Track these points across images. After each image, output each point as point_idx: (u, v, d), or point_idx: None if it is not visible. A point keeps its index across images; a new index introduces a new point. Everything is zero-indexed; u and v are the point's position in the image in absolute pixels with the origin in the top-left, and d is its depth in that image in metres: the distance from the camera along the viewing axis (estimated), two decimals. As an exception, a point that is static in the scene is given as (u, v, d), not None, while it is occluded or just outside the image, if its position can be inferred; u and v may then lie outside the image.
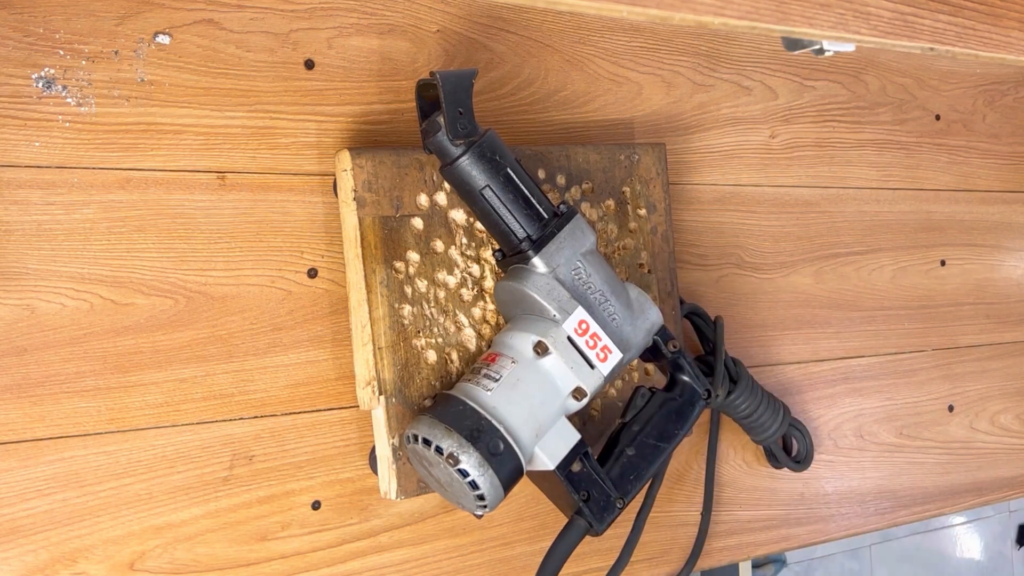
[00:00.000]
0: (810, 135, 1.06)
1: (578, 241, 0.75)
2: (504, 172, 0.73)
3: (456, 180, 0.73)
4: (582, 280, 0.75)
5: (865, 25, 0.53)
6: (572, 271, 0.74)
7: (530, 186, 0.74)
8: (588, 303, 0.75)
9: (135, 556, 0.70)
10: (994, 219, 1.20)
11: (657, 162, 0.90)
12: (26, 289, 0.68)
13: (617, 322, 0.76)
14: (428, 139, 0.73)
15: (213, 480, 0.73)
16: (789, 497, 1.02)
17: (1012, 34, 0.58)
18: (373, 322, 0.75)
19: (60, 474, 0.69)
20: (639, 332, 0.77)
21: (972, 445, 1.16)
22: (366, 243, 0.75)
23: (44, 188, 0.69)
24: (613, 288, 0.76)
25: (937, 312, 1.14)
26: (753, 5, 0.49)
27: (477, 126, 0.72)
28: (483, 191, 0.73)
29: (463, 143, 0.72)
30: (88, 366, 0.70)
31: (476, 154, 0.72)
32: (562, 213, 0.75)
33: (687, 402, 0.80)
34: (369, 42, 0.80)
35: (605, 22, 0.92)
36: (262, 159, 0.76)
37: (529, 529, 0.87)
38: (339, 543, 0.78)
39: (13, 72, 0.68)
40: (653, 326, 0.78)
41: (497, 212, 0.73)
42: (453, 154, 0.72)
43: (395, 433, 0.75)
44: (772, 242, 1.03)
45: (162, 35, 0.72)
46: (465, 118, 0.71)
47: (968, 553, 2.96)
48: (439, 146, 0.73)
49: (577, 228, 0.75)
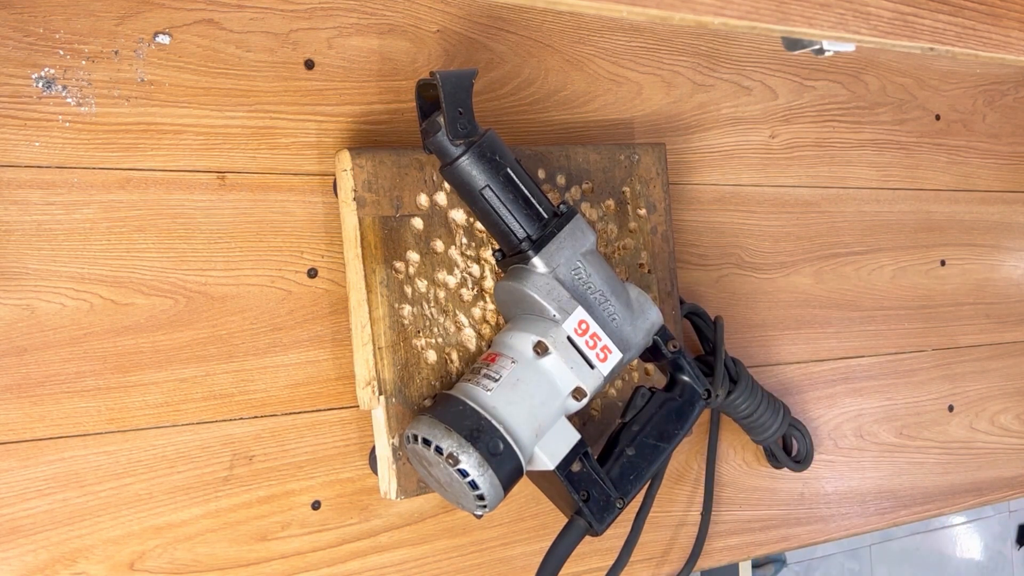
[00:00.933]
0: (810, 135, 1.06)
1: (578, 241, 0.75)
2: (504, 172, 0.73)
3: (456, 180, 0.73)
4: (582, 280, 0.75)
5: (865, 25, 0.53)
6: (572, 271, 0.74)
7: (530, 186, 0.74)
8: (588, 303, 0.75)
9: (135, 556, 0.70)
10: (994, 219, 1.20)
11: (657, 162, 0.90)
12: (26, 289, 0.68)
13: (617, 322, 0.76)
14: (428, 139, 0.73)
15: (213, 480, 0.73)
16: (789, 497, 1.02)
17: (1012, 34, 0.58)
18: (373, 322, 0.75)
19: (60, 474, 0.69)
20: (639, 332, 0.77)
21: (972, 445, 1.16)
22: (366, 243, 0.75)
23: (44, 188, 0.69)
24: (613, 288, 0.76)
25: (937, 312, 1.14)
26: (753, 5, 0.49)
27: (477, 126, 0.72)
28: (483, 191, 0.73)
29: (463, 143, 0.72)
30: (88, 366, 0.70)
31: (476, 154, 0.72)
32: (562, 213, 0.75)
33: (687, 402, 0.80)
34: (369, 42, 0.80)
35: (605, 22, 0.92)
36: (262, 159, 0.76)
37: (529, 529, 0.87)
38: (339, 543, 0.78)
39: (13, 72, 0.68)
40: (653, 326, 0.78)
41: (497, 212, 0.73)
42: (453, 154, 0.72)
43: (395, 433, 0.75)
44: (772, 242, 1.03)
45: (162, 35, 0.72)
46: (465, 118, 0.71)
47: (968, 553, 2.96)
48: (439, 146, 0.73)
49: (577, 228, 0.75)
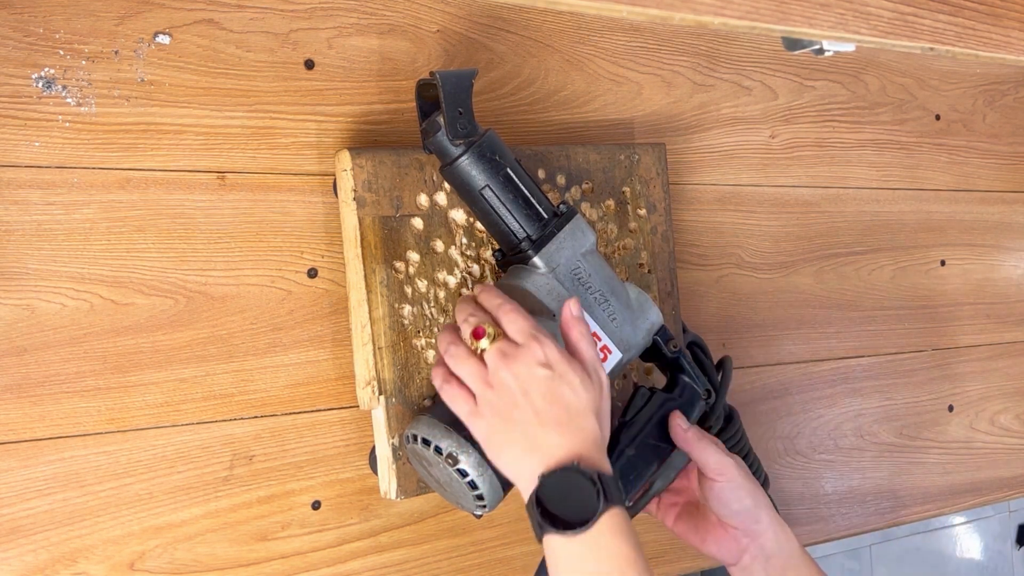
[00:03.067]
0: (810, 135, 1.06)
1: (578, 241, 0.75)
2: (504, 172, 0.73)
3: (456, 180, 0.73)
4: (582, 280, 0.75)
5: (865, 25, 0.53)
6: (572, 271, 0.74)
7: (530, 186, 0.74)
8: (587, 303, 0.75)
9: (135, 556, 0.70)
10: (994, 219, 1.20)
11: (657, 162, 0.90)
12: (26, 289, 0.68)
13: (617, 322, 0.76)
14: (428, 139, 0.73)
15: (213, 480, 0.73)
16: (789, 497, 1.02)
17: (1012, 34, 0.58)
18: (373, 322, 0.75)
19: (60, 474, 0.69)
20: (639, 332, 0.77)
21: (972, 445, 1.16)
22: (366, 243, 0.75)
23: (44, 188, 0.69)
24: (613, 288, 0.76)
25: (937, 312, 1.14)
26: (753, 5, 0.49)
27: (477, 126, 0.72)
28: (483, 191, 0.73)
29: (463, 143, 0.72)
30: (88, 366, 0.70)
31: (476, 154, 0.72)
32: (562, 213, 0.75)
33: (687, 402, 0.80)
34: (369, 42, 0.80)
35: (605, 22, 0.92)
36: (262, 159, 0.76)
37: (529, 529, 0.86)
38: (339, 543, 0.78)
39: (13, 72, 0.68)
40: (653, 326, 0.78)
41: (497, 212, 0.73)
42: (453, 154, 0.72)
43: (395, 433, 0.75)
44: (772, 242, 1.03)
45: (162, 35, 0.72)
46: (465, 118, 0.71)
47: (968, 553, 2.96)
48: (439, 146, 0.73)
49: (577, 228, 0.75)
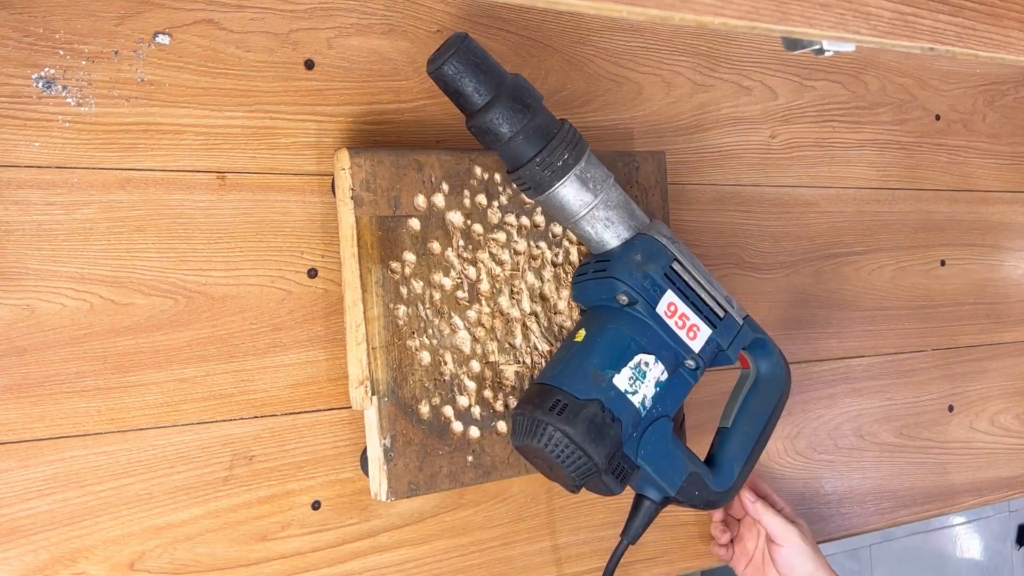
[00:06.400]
0: (810, 135, 1.06)
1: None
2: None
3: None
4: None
5: (865, 25, 0.53)
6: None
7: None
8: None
9: (135, 556, 0.70)
10: (994, 219, 1.20)
11: (656, 170, 0.90)
12: (26, 289, 0.68)
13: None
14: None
15: (213, 480, 0.73)
16: (789, 497, 1.01)
17: (1012, 34, 0.58)
18: (368, 322, 0.75)
19: (60, 474, 0.69)
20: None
21: (972, 445, 1.16)
22: (362, 242, 0.75)
23: (44, 188, 0.69)
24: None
25: (937, 312, 1.14)
26: (753, 5, 0.49)
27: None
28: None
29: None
30: (88, 366, 0.70)
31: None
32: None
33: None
34: (369, 42, 0.80)
35: (605, 22, 0.92)
36: (262, 159, 0.76)
37: (529, 529, 0.87)
38: (339, 543, 0.78)
39: (13, 72, 0.68)
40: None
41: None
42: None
43: (387, 434, 0.75)
44: (772, 242, 1.03)
45: (162, 35, 0.72)
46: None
47: (968, 553, 2.96)
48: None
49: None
